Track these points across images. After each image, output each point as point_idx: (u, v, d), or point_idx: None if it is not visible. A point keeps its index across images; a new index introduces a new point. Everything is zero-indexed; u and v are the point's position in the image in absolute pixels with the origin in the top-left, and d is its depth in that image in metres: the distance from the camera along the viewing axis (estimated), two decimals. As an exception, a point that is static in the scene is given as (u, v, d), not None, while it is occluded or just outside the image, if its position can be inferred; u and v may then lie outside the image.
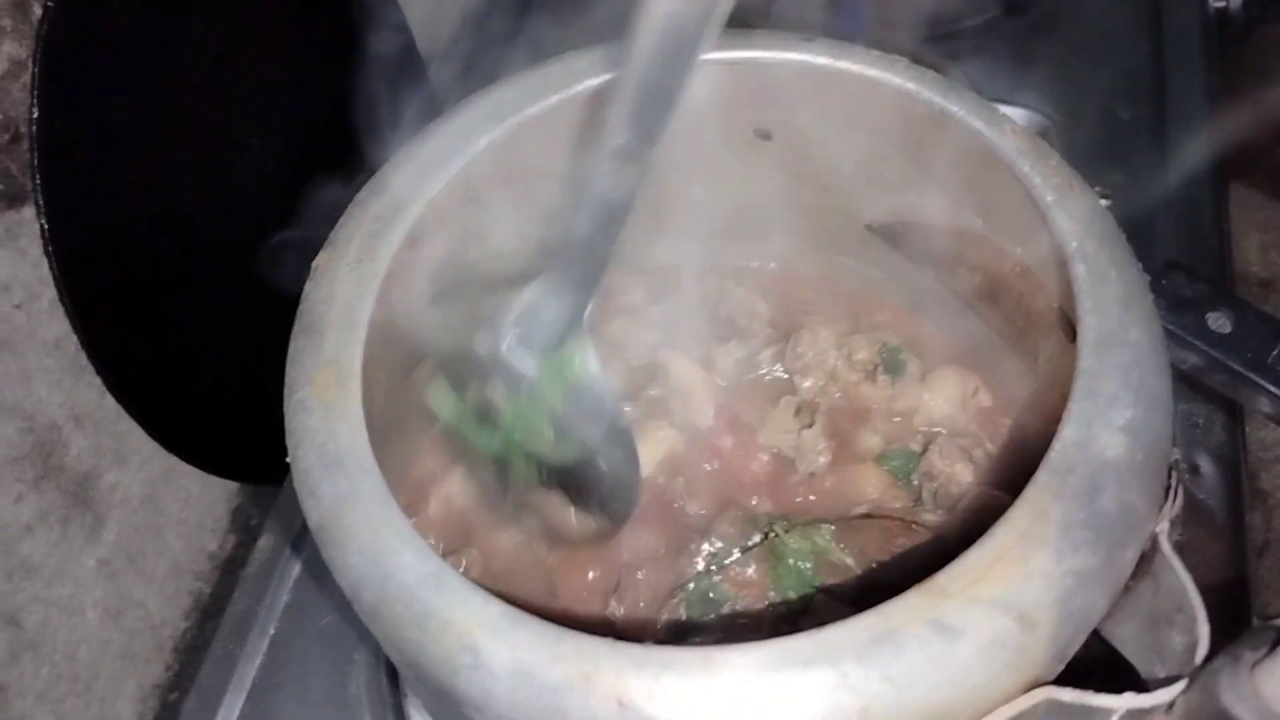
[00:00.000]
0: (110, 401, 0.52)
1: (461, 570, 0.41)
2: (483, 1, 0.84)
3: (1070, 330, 0.43)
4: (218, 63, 0.56)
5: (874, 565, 0.45)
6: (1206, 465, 0.54)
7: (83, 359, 0.51)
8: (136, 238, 0.52)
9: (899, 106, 0.44)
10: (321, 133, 0.58)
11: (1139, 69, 0.75)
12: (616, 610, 0.45)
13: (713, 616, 0.44)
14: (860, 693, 0.29)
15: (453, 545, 0.47)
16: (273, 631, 0.55)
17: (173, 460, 0.57)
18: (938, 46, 0.71)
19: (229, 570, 0.62)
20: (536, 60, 0.46)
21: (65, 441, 0.51)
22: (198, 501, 0.61)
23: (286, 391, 0.37)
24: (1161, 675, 0.33)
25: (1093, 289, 0.36)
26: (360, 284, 0.38)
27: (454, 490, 0.47)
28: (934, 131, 0.43)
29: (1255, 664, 0.28)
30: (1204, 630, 0.31)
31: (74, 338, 0.50)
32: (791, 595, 0.44)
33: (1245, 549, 0.51)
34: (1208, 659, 0.30)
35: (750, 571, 0.45)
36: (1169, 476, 0.34)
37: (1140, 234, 0.39)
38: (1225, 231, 0.64)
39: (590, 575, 0.46)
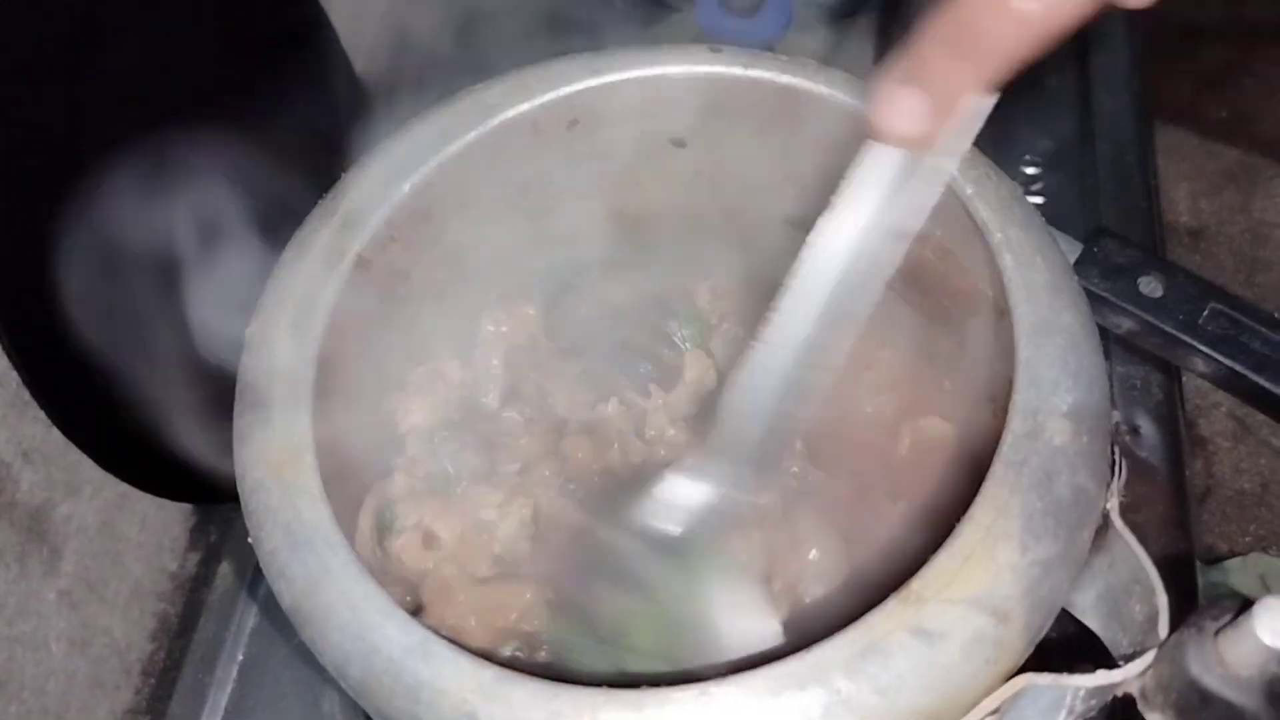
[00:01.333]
0: (58, 434, 0.52)
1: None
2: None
3: (996, 308, 0.45)
4: (147, 76, 0.55)
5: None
6: (1146, 425, 0.57)
7: (25, 394, 0.50)
8: (70, 264, 0.50)
9: (810, 108, 0.44)
10: (259, 151, 0.57)
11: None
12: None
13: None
14: (854, 707, 0.30)
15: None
16: (241, 657, 0.55)
17: (126, 485, 0.57)
18: (858, 22, 0.72)
19: (192, 589, 0.62)
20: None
21: (15, 478, 0.51)
22: (154, 523, 0.61)
23: (239, 471, 0.36)
24: (1125, 644, 0.35)
25: (1022, 278, 0.37)
26: (300, 352, 0.37)
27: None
28: (848, 129, 0.44)
29: (1218, 632, 0.29)
30: (1162, 601, 0.33)
31: (15, 375, 0.50)
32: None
33: (1187, 502, 0.54)
34: (1171, 629, 0.32)
35: None
36: (1112, 452, 0.36)
37: (1071, 199, 0.40)
38: (1154, 192, 0.66)
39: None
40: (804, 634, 0.32)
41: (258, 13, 0.64)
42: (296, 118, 0.57)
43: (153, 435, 0.53)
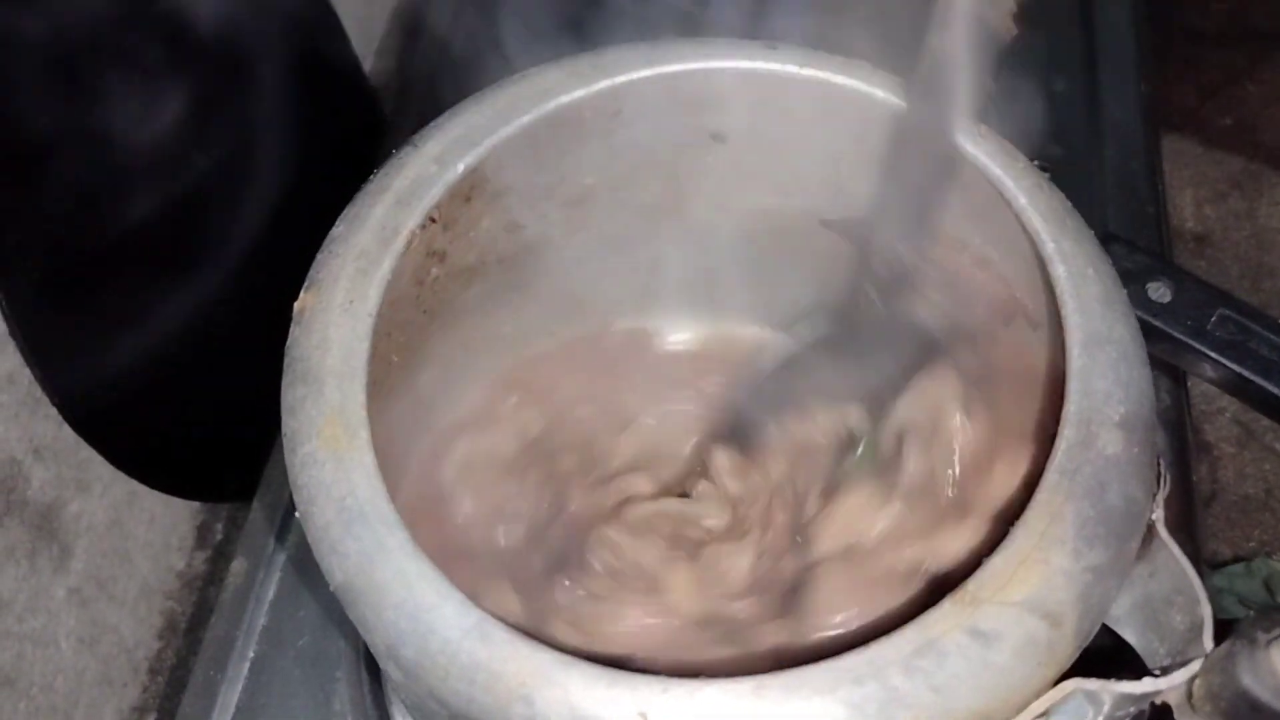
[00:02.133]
0: (69, 432, 0.52)
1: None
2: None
3: (1030, 316, 0.45)
4: (160, 80, 0.54)
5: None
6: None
7: (38, 391, 0.50)
8: (83, 263, 0.50)
9: (858, 110, 0.45)
10: (271, 154, 0.56)
11: (1071, 39, 0.76)
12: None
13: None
14: (909, 704, 0.30)
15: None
16: (252, 655, 0.54)
17: (134, 484, 0.57)
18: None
19: (199, 587, 0.62)
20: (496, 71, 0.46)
21: (26, 475, 0.51)
22: (162, 522, 0.61)
23: (288, 444, 0.36)
24: (1163, 653, 0.35)
25: (1075, 289, 0.38)
26: (354, 326, 0.37)
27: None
28: (894, 132, 0.44)
29: (1269, 643, 0.30)
30: (1207, 611, 0.33)
31: (28, 371, 0.49)
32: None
33: (1193, 507, 0.55)
34: (1218, 640, 0.32)
35: None
36: (1158, 464, 0.36)
37: (1079, 205, 0.40)
38: (1162, 197, 0.67)
39: None
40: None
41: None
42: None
43: (162, 429, 0.53)
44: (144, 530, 0.59)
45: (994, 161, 0.41)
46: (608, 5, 0.56)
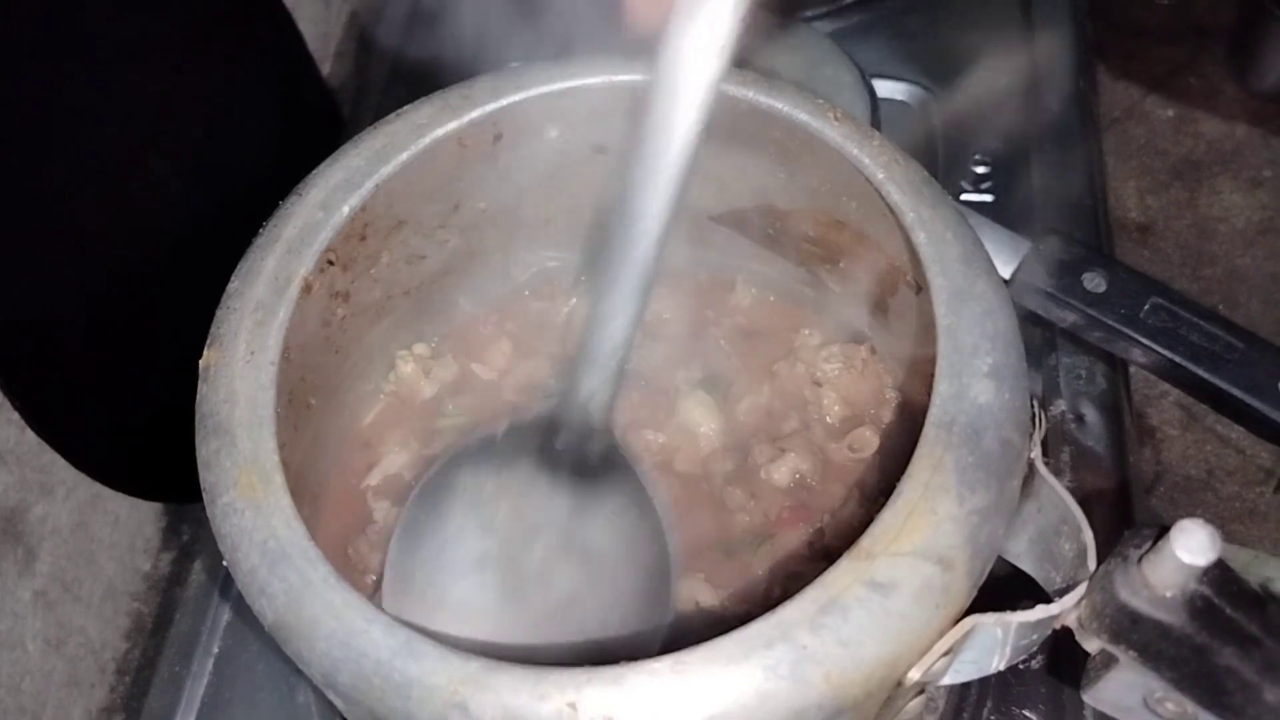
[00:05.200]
0: (31, 435, 0.52)
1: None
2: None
3: (912, 284, 0.48)
4: (115, 79, 0.55)
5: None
6: (1091, 414, 0.60)
7: None
8: (41, 268, 0.51)
9: (725, 109, 0.47)
10: (225, 156, 0.57)
11: (1011, 38, 0.79)
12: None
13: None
14: (820, 660, 0.32)
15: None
16: (216, 650, 0.56)
17: (99, 486, 0.57)
18: (821, 25, 0.74)
19: (165, 589, 0.63)
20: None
21: None
22: (127, 523, 0.62)
23: (208, 496, 0.37)
24: (1059, 581, 0.38)
25: (936, 253, 0.40)
26: (257, 377, 0.38)
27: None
28: (762, 126, 0.46)
29: (1140, 559, 0.32)
30: (1088, 536, 0.36)
31: None
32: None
33: (1130, 488, 0.57)
34: (1098, 562, 0.35)
35: None
36: (1032, 406, 0.39)
37: (1019, 198, 0.42)
38: (1100, 191, 0.69)
39: None
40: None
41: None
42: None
43: (125, 431, 0.53)
44: (109, 533, 0.60)
45: (850, 141, 0.43)
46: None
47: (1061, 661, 0.52)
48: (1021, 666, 0.52)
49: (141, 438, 0.59)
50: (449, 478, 0.43)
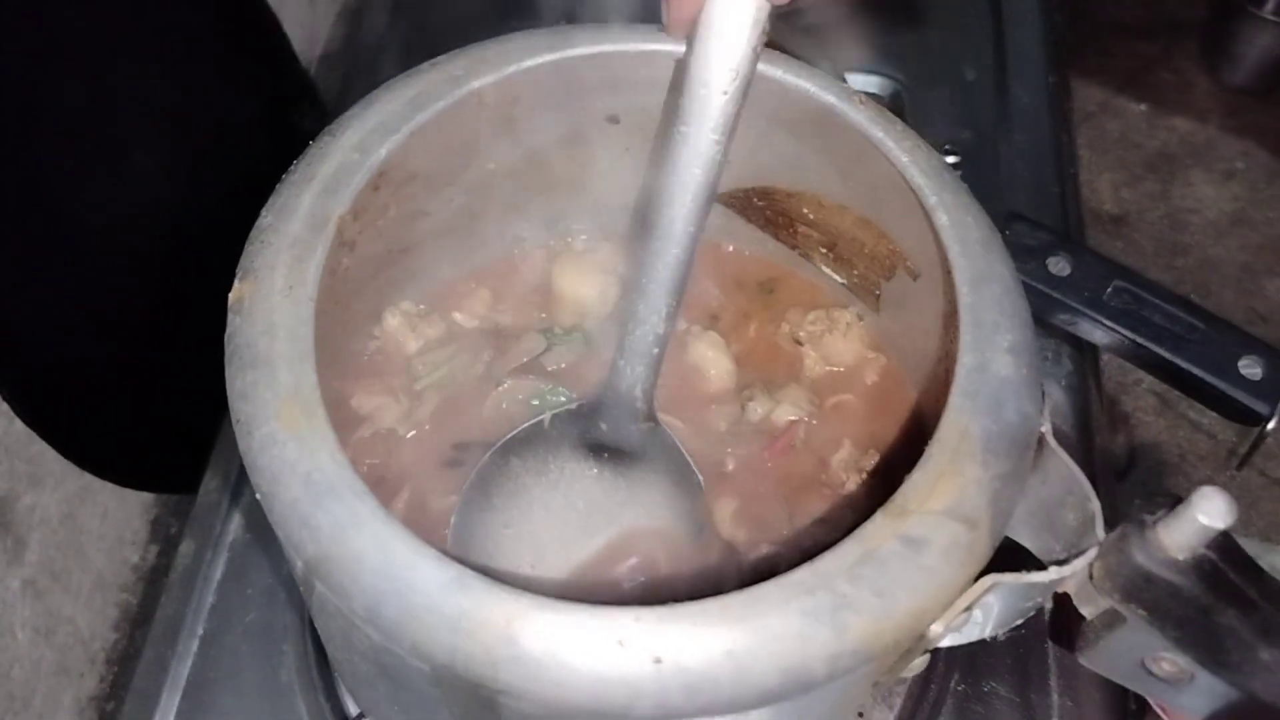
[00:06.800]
0: (20, 426, 0.52)
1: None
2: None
3: (910, 270, 0.50)
4: (100, 77, 0.54)
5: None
6: (1057, 394, 0.62)
7: None
8: (28, 258, 0.49)
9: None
10: (209, 151, 0.56)
11: (981, 32, 0.81)
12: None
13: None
14: (857, 608, 0.34)
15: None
16: (201, 632, 0.56)
17: (88, 477, 0.57)
18: (794, 20, 0.75)
19: (152, 580, 0.63)
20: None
21: None
22: (116, 515, 0.61)
23: (243, 428, 0.36)
24: (1059, 550, 0.40)
25: (957, 235, 0.42)
26: (298, 311, 0.38)
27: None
28: (786, 107, 0.48)
29: (1155, 523, 0.34)
30: (1096, 506, 0.38)
31: None
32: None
33: (1094, 466, 0.59)
34: (1108, 530, 0.37)
35: None
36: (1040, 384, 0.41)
37: (988, 186, 0.45)
38: (1069, 178, 0.71)
39: None
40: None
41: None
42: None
43: (113, 421, 0.52)
44: (98, 524, 0.60)
45: (875, 126, 0.45)
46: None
47: (1028, 635, 0.55)
48: (989, 639, 0.54)
49: (130, 427, 0.59)
50: (502, 463, 0.46)
